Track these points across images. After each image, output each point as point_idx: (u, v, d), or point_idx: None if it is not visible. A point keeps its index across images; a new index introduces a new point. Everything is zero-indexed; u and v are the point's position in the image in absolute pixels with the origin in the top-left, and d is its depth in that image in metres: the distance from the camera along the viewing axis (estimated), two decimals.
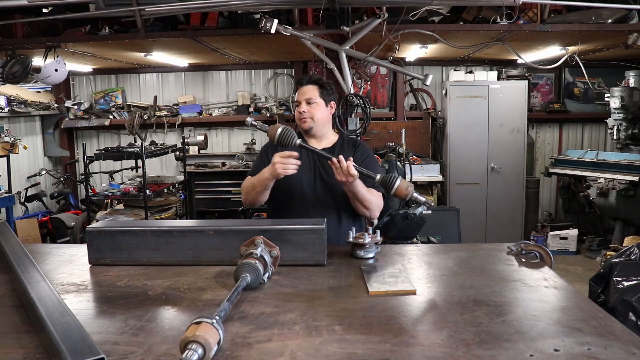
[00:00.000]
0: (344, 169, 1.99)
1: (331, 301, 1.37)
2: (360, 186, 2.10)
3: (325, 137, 2.39)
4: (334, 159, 2.00)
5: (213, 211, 6.41)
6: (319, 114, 2.32)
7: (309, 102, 2.31)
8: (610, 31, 4.42)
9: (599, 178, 5.55)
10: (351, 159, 2.02)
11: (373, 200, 2.18)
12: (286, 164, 2.04)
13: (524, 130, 6.14)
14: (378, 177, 1.96)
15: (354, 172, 1.99)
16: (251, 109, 6.83)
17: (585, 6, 4.14)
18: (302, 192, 2.26)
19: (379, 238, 1.79)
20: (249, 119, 2.06)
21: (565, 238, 5.94)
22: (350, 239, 1.78)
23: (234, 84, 7.07)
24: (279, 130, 1.97)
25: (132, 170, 5.92)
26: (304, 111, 2.30)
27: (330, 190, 2.26)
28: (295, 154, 2.05)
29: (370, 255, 1.77)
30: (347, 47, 4.33)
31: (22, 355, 1.07)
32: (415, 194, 1.91)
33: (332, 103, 2.39)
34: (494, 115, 6.06)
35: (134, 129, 6.71)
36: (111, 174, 6.34)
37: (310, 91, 2.32)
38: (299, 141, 2.00)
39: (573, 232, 5.97)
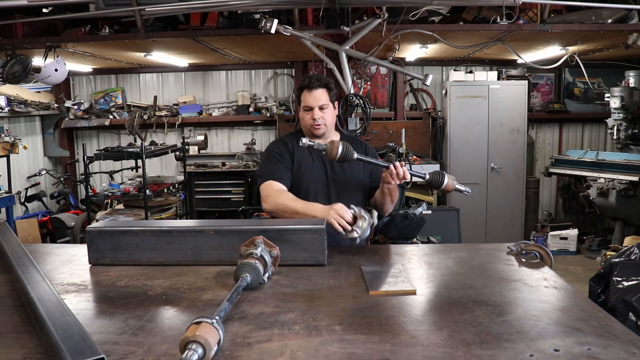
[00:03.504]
0: (400, 175, 2.03)
1: (331, 301, 1.37)
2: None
3: (329, 137, 2.39)
4: (391, 167, 2.03)
5: (213, 211, 6.40)
6: (330, 118, 2.30)
7: (321, 108, 2.26)
8: (610, 31, 4.42)
9: (599, 178, 5.54)
10: (404, 163, 2.10)
11: (397, 197, 2.27)
12: (341, 221, 1.89)
13: (524, 130, 6.14)
14: (427, 176, 2.03)
15: (408, 176, 2.05)
16: (251, 109, 6.83)
17: (585, 6, 4.14)
18: (316, 195, 2.25)
19: (366, 216, 1.85)
20: (304, 140, 1.98)
21: (565, 238, 5.94)
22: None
23: (234, 84, 7.07)
24: (340, 148, 1.94)
25: (132, 170, 5.91)
26: (318, 118, 2.25)
27: (341, 191, 2.27)
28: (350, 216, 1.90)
29: (357, 235, 1.83)
30: (347, 47, 4.33)
31: (22, 355, 1.07)
32: (458, 185, 2.02)
33: (336, 103, 2.39)
34: (494, 115, 6.06)
35: (134, 129, 6.71)
36: (111, 174, 6.34)
37: (323, 96, 2.26)
38: (356, 155, 1.99)
39: (573, 232, 5.96)
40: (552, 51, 5.45)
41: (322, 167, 2.28)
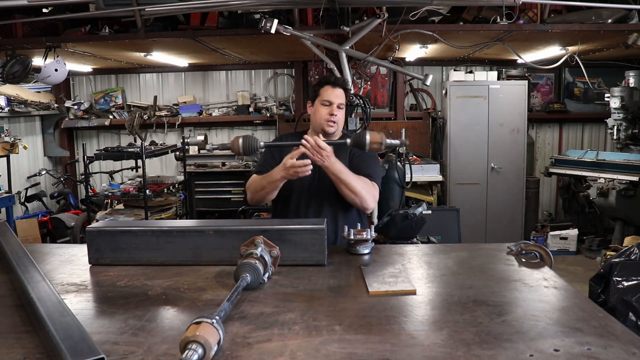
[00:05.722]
0: (313, 146, 2.00)
1: (331, 301, 1.37)
2: (339, 165, 2.08)
3: (334, 137, 2.40)
4: (303, 142, 2.01)
5: (213, 211, 6.40)
6: (342, 118, 2.35)
7: (339, 107, 2.30)
8: (610, 31, 4.42)
9: (599, 178, 5.54)
10: (320, 135, 2.10)
11: (359, 185, 2.13)
12: (302, 170, 2.01)
13: (524, 130, 6.13)
14: (348, 140, 2.04)
15: (323, 144, 2.01)
16: (251, 109, 6.83)
17: (585, 6, 4.14)
18: (301, 193, 2.27)
19: (373, 234, 1.83)
20: (208, 146, 2.20)
21: (565, 238, 5.94)
22: (352, 236, 1.80)
23: (234, 84, 7.07)
24: (240, 142, 2.01)
25: (132, 170, 5.92)
26: (335, 115, 2.29)
27: (330, 190, 2.26)
28: (308, 161, 2.01)
29: (367, 251, 1.82)
30: (347, 47, 4.32)
31: (22, 355, 1.07)
32: (388, 140, 2.01)
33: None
34: (494, 115, 6.06)
35: (134, 129, 6.71)
36: (111, 174, 6.34)
37: (342, 96, 2.32)
38: (262, 143, 2.05)
39: (573, 232, 5.96)
40: (552, 51, 5.45)
41: (312, 166, 2.27)
